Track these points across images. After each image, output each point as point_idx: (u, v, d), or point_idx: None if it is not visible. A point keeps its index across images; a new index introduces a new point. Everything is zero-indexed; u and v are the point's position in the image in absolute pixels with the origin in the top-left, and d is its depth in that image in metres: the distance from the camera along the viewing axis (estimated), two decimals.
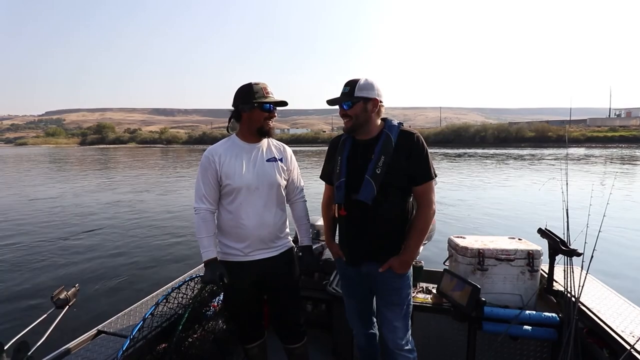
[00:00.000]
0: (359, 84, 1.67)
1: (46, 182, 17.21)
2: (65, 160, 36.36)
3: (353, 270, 1.83)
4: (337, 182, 1.74)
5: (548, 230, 2.13)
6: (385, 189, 1.64)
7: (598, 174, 16.62)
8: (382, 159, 1.64)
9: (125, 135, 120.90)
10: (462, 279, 1.99)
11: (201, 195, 1.83)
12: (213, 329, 2.10)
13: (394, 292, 1.76)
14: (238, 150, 1.88)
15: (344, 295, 1.99)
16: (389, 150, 1.65)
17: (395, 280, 1.74)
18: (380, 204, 1.65)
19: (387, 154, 1.64)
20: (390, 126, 1.71)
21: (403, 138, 1.68)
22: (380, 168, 1.63)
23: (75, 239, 7.36)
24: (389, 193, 1.65)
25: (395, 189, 1.66)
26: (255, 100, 1.81)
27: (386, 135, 1.68)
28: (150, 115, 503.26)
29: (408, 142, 1.66)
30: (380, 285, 1.77)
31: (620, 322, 1.76)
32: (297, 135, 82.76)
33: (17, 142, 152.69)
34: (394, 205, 1.68)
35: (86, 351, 1.66)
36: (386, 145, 1.66)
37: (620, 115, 72.53)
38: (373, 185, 1.63)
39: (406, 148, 1.66)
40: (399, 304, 1.77)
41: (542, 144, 46.35)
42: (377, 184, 1.63)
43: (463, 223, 8.02)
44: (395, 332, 1.77)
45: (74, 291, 1.42)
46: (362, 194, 1.65)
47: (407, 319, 1.81)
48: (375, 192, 1.63)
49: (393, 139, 1.67)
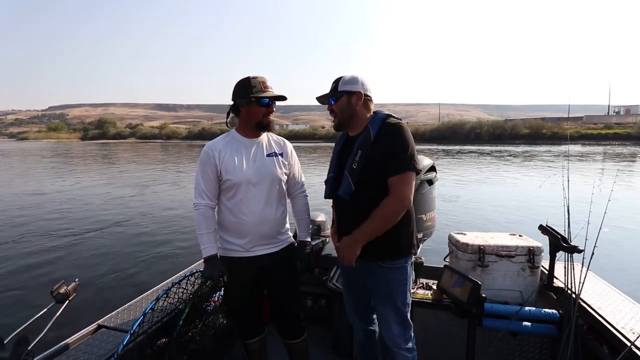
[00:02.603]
0: (342, 79, 1.69)
1: (46, 177, 17.25)
2: (65, 155, 36.39)
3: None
4: (327, 177, 1.78)
5: (549, 227, 2.12)
6: (362, 184, 1.61)
7: (598, 171, 16.58)
8: (359, 154, 1.61)
9: (126, 130, 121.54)
10: (462, 275, 1.99)
11: (201, 190, 1.83)
12: (214, 324, 2.11)
13: (383, 286, 1.70)
14: (238, 145, 1.87)
15: (343, 291, 1.99)
16: (366, 144, 1.62)
17: (384, 273, 1.68)
18: (358, 200, 1.63)
19: (365, 148, 1.61)
20: (374, 119, 1.67)
21: (383, 130, 1.62)
22: (357, 163, 1.61)
23: (76, 233, 7.38)
24: (367, 188, 1.61)
25: (371, 183, 1.61)
26: (253, 95, 1.80)
27: (367, 129, 1.65)
28: (153, 111, 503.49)
29: (387, 134, 1.60)
30: (371, 280, 1.74)
31: (620, 318, 1.76)
32: (294, 131, 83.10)
33: (19, 137, 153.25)
34: (371, 200, 1.60)
35: (86, 346, 1.66)
36: (365, 139, 1.63)
37: (619, 113, 72.27)
38: (349, 180, 1.62)
39: (384, 140, 1.60)
40: (391, 300, 1.70)
41: (537, 141, 46.35)
42: (354, 179, 1.61)
43: (463, 219, 8.02)
44: (390, 329, 1.72)
45: (74, 286, 1.42)
46: (341, 189, 1.66)
47: (403, 315, 1.73)
48: (353, 187, 1.61)
49: (372, 132, 1.62)
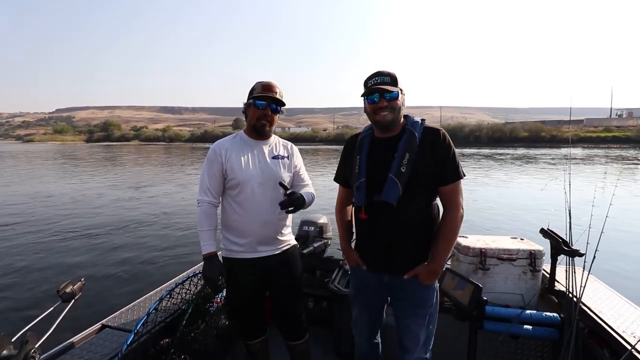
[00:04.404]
0: (392, 75, 1.56)
1: (51, 178, 17.36)
2: (70, 157, 36.60)
3: (373, 278, 1.69)
4: (357, 182, 1.60)
5: (550, 231, 2.12)
6: (410, 189, 1.50)
7: (599, 174, 16.50)
8: (406, 157, 1.51)
9: (130, 133, 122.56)
10: (463, 277, 1.99)
11: (205, 187, 1.85)
12: (216, 324, 2.12)
13: (419, 304, 1.63)
14: (244, 145, 1.90)
15: (355, 305, 1.85)
16: (413, 148, 1.52)
17: (422, 291, 1.61)
18: (405, 205, 1.51)
19: (412, 151, 1.51)
20: (413, 122, 1.60)
21: (428, 134, 1.55)
22: (405, 166, 1.50)
23: (83, 233, 7.43)
24: (414, 193, 1.52)
25: (421, 188, 1.54)
26: (251, 97, 1.85)
27: (410, 132, 1.56)
28: (158, 113, 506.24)
29: (434, 139, 1.54)
30: (404, 295, 1.64)
31: (621, 322, 1.76)
32: (295, 133, 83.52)
33: (24, 139, 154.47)
34: (419, 206, 1.55)
35: (91, 345, 1.68)
36: (410, 141, 1.53)
37: (621, 116, 71.81)
38: (398, 184, 1.49)
39: (432, 145, 1.53)
40: (424, 316, 1.64)
41: (536, 144, 46.34)
42: (402, 183, 1.49)
43: (465, 222, 7.99)
44: (418, 344, 1.65)
45: (80, 285, 1.44)
46: (386, 194, 1.50)
47: (431, 330, 1.69)
48: (401, 191, 1.49)
49: (417, 136, 1.54)
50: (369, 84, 1.59)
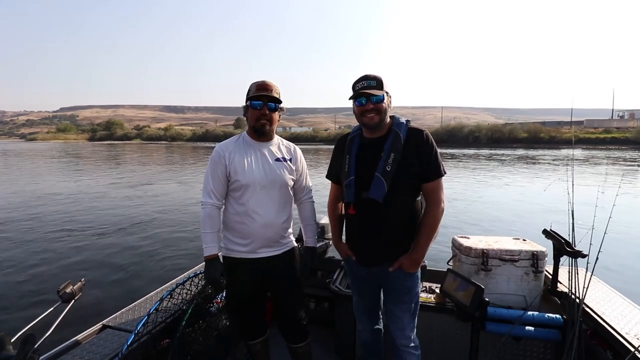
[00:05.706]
0: (378, 78, 1.65)
1: (53, 177, 17.41)
2: (73, 155, 36.73)
3: (363, 270, 1.82)
4: (347, 180, 1.72)
5: (553, 231, 2.11)
6: (395, 187, 1.62)
7: (601, 175, 16.43)
8: (391, 156, 1.63)
9: (132, 132, 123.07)
10: (465, 279, 1.98)
11: (209, 189, 1.85)
12: (216, 325, 2.12)
13: (404, 291, 1.76)
14: (247, 147, 1.90)
15: (353, 293, 1.99)
16: (398, 147, 1.64)
17: (406, 279, 1.74)
18: (391, 202, 1.63)
19: (397, 151, 1.63)
20: (398, 123, 1.71)
21: (412, 135, 1.67)
22: (390, 165, 1.62)
23: (82, 234, 7.45)
24: (399, 191, 1.64)
25: (405, 186, 1.65)
26: (247, 98, 1.86)
27: (395, 133, 1.67)
28: (161, 113, 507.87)
29: (417, 139, 1.66)
30: (391, 284, 1.77)
31: (624, 324, 1.75)
32: (296, 133, 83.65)
33: (28, 138, 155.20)
34: (404, 203, 1.67)
35: (91, 345, 1.68)
36: (395, 142, 1.65)
37: (623, 117, 71.43)
38: (384, 182, 1.61)
39: (415, 145, 1.65)
40: (408, 302, 1.77)
41: (535, 145, 46.18)
42: (388, 181, 1.61)
43: (467, 223, 7.98)
44: (403, 329, 1.78)
45: (80, 285, 1.44)
46: (373, 191, 1.63)
47: (414, 316, 1.82)
48: (386, 189, 1.61)
49: (402, 136, 1.66)
50: (356, 87, 1.69)
